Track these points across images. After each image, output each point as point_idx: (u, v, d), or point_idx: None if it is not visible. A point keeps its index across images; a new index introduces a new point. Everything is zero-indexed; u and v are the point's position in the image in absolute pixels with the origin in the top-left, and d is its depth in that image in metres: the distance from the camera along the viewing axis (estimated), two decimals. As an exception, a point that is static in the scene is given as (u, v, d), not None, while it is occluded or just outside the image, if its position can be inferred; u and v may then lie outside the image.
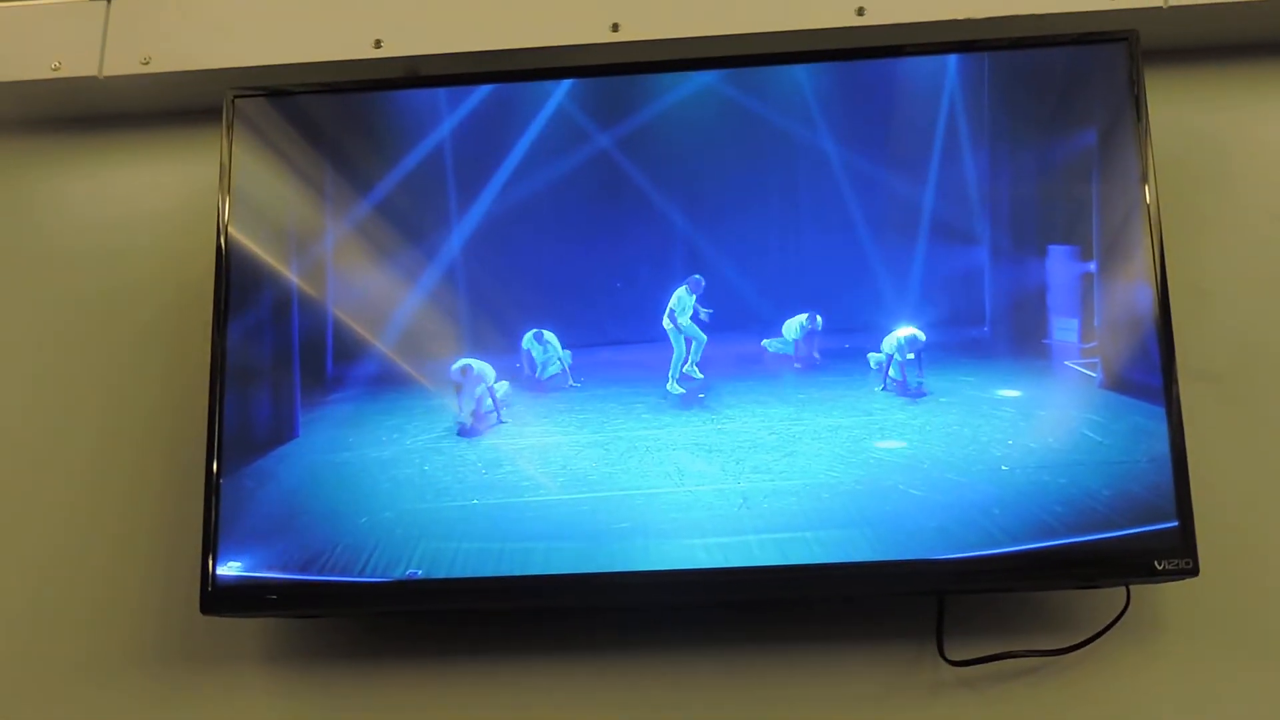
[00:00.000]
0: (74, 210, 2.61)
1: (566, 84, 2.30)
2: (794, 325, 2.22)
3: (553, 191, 2.27)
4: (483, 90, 2.31)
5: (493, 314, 2.26)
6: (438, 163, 2.29)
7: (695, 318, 2.23)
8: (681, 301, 2.24)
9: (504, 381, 2.24)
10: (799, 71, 2.26)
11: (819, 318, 2.21)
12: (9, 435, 2.47)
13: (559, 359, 2.26)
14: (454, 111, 2.30)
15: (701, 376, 2.24)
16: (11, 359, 2.52)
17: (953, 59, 2.23)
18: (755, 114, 2.26)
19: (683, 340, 2.24)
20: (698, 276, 2.24)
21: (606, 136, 2.27)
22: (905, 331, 2.19)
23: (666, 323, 2.24)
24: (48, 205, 2.62)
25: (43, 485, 2.43)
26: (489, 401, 2.22)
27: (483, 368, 2.23)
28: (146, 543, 2.36)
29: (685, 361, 2.25)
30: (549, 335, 2.25)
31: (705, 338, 2.23)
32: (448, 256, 2.26)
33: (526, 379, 2.25)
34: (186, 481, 2.29)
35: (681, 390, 2.24)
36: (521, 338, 2.25)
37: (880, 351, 2.20)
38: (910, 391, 2.18)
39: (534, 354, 2.26)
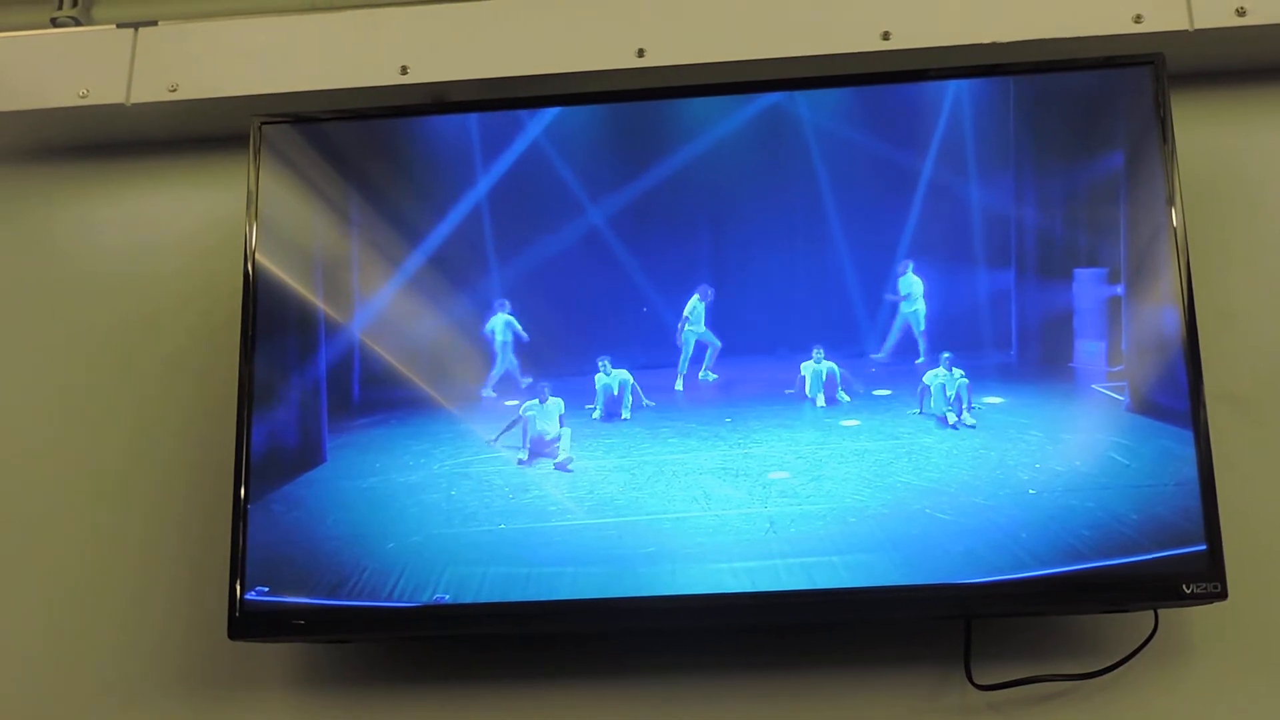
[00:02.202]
0: (101, 237, 2.63)
1: (593, 109, 2.32)
2: None
3: (581, 218, 2.28)
4: (507, 116, 2.32)
5: (519, 338, 2.27)
6: (465, 188, 2.29)
7: (709, 323, 2.25)
8: (695, 310, 2.24)
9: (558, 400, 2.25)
10: (826, 96, 2.26)
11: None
12: (37, 459, 2.49)
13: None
14: (480, 138, 2.31)
15: (716, 377, 2.25)
16: (38, 384, 2.54)
17: (978, 83, 2.23)
18: (783, 138, 2.26)
19: (692, 345, 2.25)
20: (706, 286, 2.25)
21: (634, 162, 2.29)
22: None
23: (683, 331, 2.25)
24: (75, 232, 2.64)
25: (71, 510, 2.44)
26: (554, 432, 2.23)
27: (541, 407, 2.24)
28: (174, 568, 2.37)
29: (701, 367, 2.26)
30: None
31: (720, 343, 2.25)
32: (475, 282, 2.27)
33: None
34: (214, 507, 2.30)
35: (680, 389, 2.26)
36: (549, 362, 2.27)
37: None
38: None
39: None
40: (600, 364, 2.25)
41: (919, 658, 2.18)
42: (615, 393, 2.25)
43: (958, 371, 2.18)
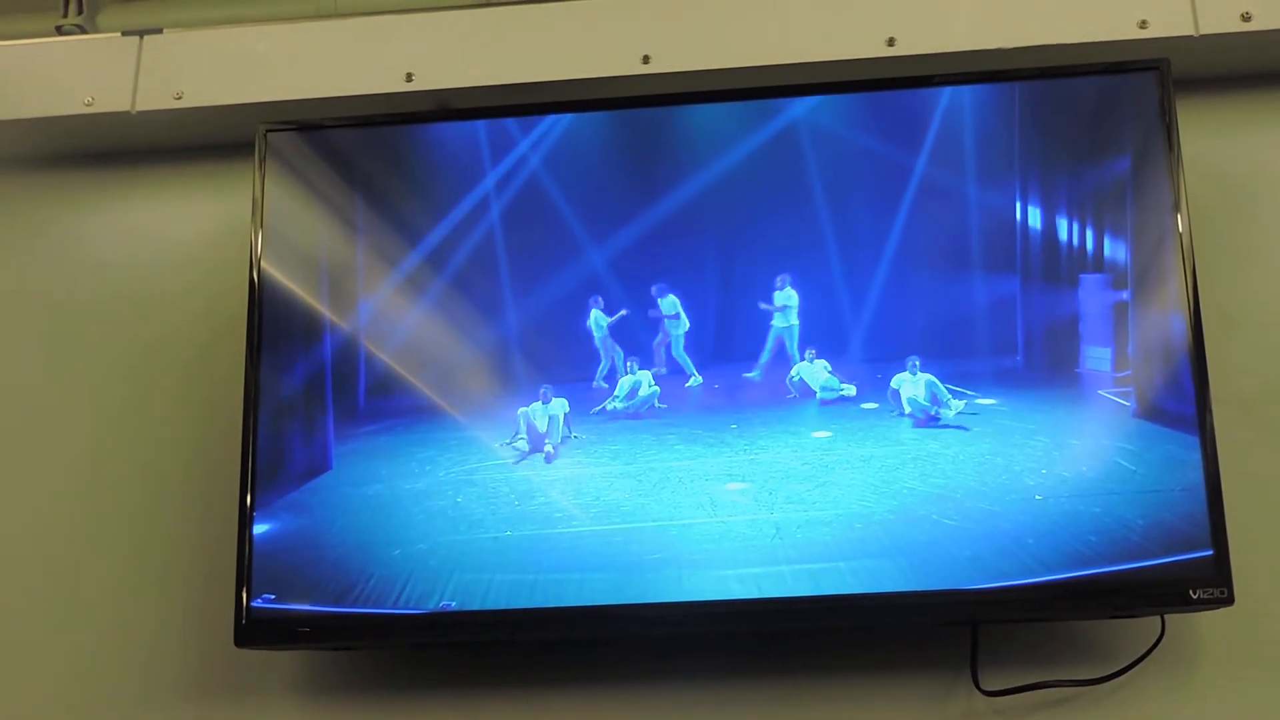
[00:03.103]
0: (106, 245, 2.62)
1: (598, 116, 2.32)
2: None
3: (585, 224, 2.28)
4: (511, 124, 2.32)
5: (526, 345, 2.27)
6: (471, 194, 2.29)
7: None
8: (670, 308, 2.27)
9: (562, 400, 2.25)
10: (830, 102, 2.26)
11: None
12: (42, 466, 2.49)
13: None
14: (485, 144, 2.31)
15: (701, 380, 2.25)
16: (43, 392, 2.53)
17: (983, 89, 2.23)
18: (787, 144, 2.26)
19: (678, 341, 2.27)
20: (660, 284, 2.26)
21: (639, 167, 2.29)
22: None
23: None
24: (80, 239, 2.64)
25: (76, 517, 2.44)
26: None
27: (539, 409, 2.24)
28: (181, 575, 2.37)
29: (688, 378, 2.26)
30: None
31: (683, 347, 2.26)
32: (481, 288, 2.27)
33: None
34: (220, 514, 2.30)
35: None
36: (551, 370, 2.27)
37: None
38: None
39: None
40: (628, 363, 2.25)
41: (926, 664, 2.18)
42: (631, 389, 2.25)
43: (923, 376, 2.18)
